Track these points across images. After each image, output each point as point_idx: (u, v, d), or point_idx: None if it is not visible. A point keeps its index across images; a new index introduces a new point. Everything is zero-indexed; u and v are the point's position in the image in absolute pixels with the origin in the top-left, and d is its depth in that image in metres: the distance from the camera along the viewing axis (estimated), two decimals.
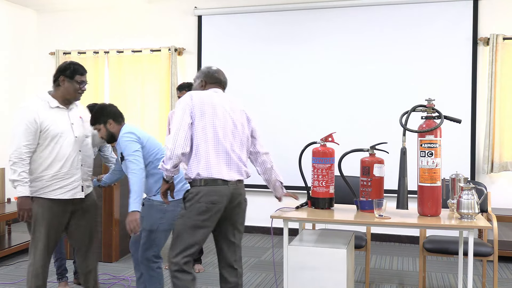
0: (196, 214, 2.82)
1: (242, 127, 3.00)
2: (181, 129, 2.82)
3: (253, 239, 5.99)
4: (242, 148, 2.98)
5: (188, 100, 2.90)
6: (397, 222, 3.07)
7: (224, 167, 2.86)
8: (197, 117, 2.86)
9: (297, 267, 3.11)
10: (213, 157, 2.84)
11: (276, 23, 6.12)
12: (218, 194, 2.83)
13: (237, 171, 2.92)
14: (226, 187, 2.85)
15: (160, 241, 3.33)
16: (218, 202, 2.83)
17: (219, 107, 2.92)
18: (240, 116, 3.01)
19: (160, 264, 3.38)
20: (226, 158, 2.88)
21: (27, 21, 6.96)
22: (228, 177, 2.86)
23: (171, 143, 2.81)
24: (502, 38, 5.41)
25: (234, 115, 2.97)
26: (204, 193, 2.82)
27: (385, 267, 4.86)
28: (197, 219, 2.82)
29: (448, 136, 5.44)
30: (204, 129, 2.85)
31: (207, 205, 2.81)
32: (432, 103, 3.25)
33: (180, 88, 4.67)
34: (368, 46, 5.84)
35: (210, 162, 2.83)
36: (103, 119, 3.29)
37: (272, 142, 6.12)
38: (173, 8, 6.54)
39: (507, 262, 5.02)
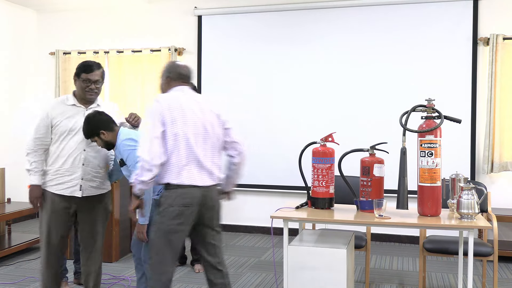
0: (169, 218, 2.76)
1: (213, 127, 2.91)
2: (155, 138, 2.73)
3: (253, 239, 5.99)
4: (214, 151, 2.92)
5: (157, 106, 2.80)
6: (397, 222, 3.07)
7: (196, 174, 2.81)
8: (168, 125, 2.77)
9: (297, 267, 3.10)
10: (184, 166, 2.78)
11: (276, 23, 6.12)
12: (190, 197, 2.78)
13: (209, 177, 2.87)
14: (198, 190, 2.81)
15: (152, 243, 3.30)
16: (191, 205, 2.78)
17: (188, 111, 2.84)
18: (209, 116, 2.92)
19: None
20: (197, 165, 2.81)
21: (27, 21, 6.96)
22: (200, 183, 2.82)
23: (147, 153, 2.70)
24: (502, 38, 5.41)
25: (203, 117, 2.88)
26: (176, 196, 2.77)
27: (385, 267, 4.86)
28: (171, 223, 2.77)
29: (448, 136, 5.44)
30: (175, 137, 2.77)
31: (180, 208, 2.76)
32: (432, 103, 3.25)
33: None
34: (368, 46, 5.84)
35: (182, 171, 2.77)
36: (95, 132, 3.19)
37: (272, 142, 6.13)
38: (173, 8, 6.54)
39: (507, 262, 5.02)
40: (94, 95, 3.30)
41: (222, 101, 6.27)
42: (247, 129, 6.20)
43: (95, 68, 3.27)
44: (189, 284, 4.31)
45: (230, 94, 6.26)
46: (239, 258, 5.13)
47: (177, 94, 2.92)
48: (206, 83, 6.35)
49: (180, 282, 4.36)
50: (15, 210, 5.15)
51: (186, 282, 4.37)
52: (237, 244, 5.74)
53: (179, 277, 4.48)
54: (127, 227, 5.17)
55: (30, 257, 5.06)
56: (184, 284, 4.30)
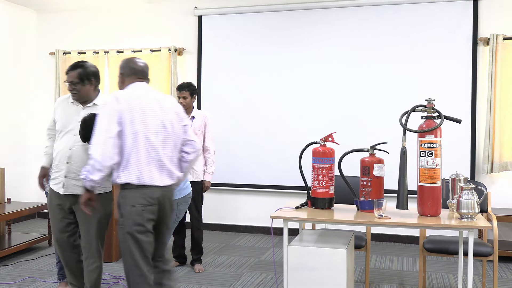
0: (133, 219, 2.76)
1: (172, 126, 2.89)
2: (109, 138, 2.71)
3: (253, 239, 5.99)
4: (174, 150, 2.91)
5: (114, 105, 2.76)
6: (397, 222, 3.07)
7: (156, 174, 2.80)
8: (127, 124, 2.75)
9: (297, 267, 3.11)
10: (144, 165, 2.76)
11: (276, 23, 6.12)
12: (151, 196, 2.78)
13: (168, 176, 2.86)
14: (158, 189, 2.80)
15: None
16: (152, 204, 2.79)
17: (148, 110, 2.82)
18: (170, 114, 2.90)
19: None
20: (157, 164, 2.80)
21: (27, 21, 6.96)
22: (160, 183, 2.81)
23: (99, 154, 2.67)
24: (502, 38, 5.41)
25: (164, 116, 2.86)
26: (137, 196, 2.76)
27: (385, 267, 4.86)
28: (135, 223, 2.76)
29: (448, 136, 5.44)
30: (135, 136, 2.75)
31: (142, 208, 2.76)
32: (432, 103, 3.25)
33: (179, 88, 4.63)
34: (368, 46, 5.84)
35: (142, 171, 2.76)
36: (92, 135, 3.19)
37: (272, 142, 6.13)
38: (173, 8, 6.54)
39: (507, 262, 5.02)
40: (75, 96, 3.35)
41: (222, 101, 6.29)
42: (247, 129, 6.20)
43: (70, 69, 3.34)
44: (189, 284, 4.32)
45: (230, 94, 6.26)
46: (239, 258, 5.13)
47: (136, 91, 2.88)
48: (206, 83, 6.35)
49: (180, 282, 4.36)
50: (15, 210, 5.15)
51: (186, 282, 4.37)
52: (237, 244, 5.74)
53: (179, 277, 4.48)
54: None
55: (30, 257, 5.06)
56: (184, 284, 4.30)
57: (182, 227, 4.69)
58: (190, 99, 4.62)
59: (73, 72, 3.32)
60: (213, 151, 4.70)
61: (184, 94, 4.59)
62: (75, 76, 3.32)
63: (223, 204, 6.38)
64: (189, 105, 4.63)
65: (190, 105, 4.64)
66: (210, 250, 5.43)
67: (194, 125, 4.60)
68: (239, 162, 6.21)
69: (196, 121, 4.62)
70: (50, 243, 5.51)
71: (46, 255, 5.13)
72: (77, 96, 3.35)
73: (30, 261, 4.95)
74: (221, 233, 6.28)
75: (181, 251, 4.81)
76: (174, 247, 4.79)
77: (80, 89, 3.33)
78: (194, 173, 4.61)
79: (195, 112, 4.66)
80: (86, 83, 3.34)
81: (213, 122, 4.84)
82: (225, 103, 6.28)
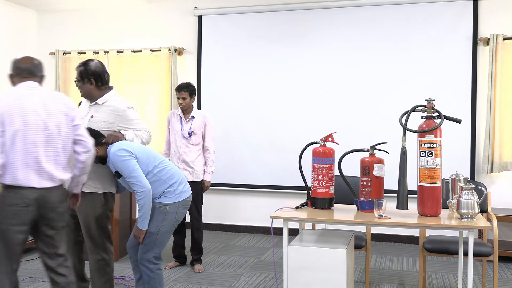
0: (7, 218, 2.75)
1: (58, 128, 2.85)
2: None
3: (253, 239, 5.99)
4: (59, 152, 2.86)
5: None
6: (397, 222, 3.07)
7: (33, 176, 2.78)
8: (7, 125, 2.72)
9: (297, 267, 3.11)
10: (21, 167, 2.75)
11: (276, 23, 6.12)
12: (27, 197, 2.76)
13: (49, 179, 2.83)
14: (35, 191, 2.78)
15: (161, 243, 3.33)
16: (28, 205, 2.77)
17: (31, 113, 2.77)
18: (55, 117, 2.85)
19: (160, 266, 3.37)
20: (36, 168, 2.78)
21: (27, 21, 6.96)
22: (37, 185, 2.79)
23: None
24: (502, 38, 5.41)
25: (48, 118, 2.81)
26: (13, 196, 2.75)
27: (385, 267, 4.86)
28: (8, 223, 2.76)
29: (448, 136, 5.44)
30: (13, 138, 2.73)
31: (17, 208, 2.75)
32: (432, 103, 3.25)
33: (178, 88, 4.63)
34: (368, 46, 5.84)
35: (17, 172, 2.74)
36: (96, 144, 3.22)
37: (272, 142, 6.13)
38: (173, 8, 6.54)
39: (507, 262, 5.02)
40: (81, 92, 3.44)
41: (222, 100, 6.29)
42: (247, 129, 6.20)
43: (76, 67, 3.44)
44: (189, 284, 4.32)
45: (230, 94, 6.26)
46: (239, 258, 5.13)
47: (20, 92, 2.84)
48: (206, 83, 6.35)
49: (180, 282, 4.36)
50: None
51: (186, 282, 4.37)
52: (237, 244, 5.74)
53: (179, 277, 4.48)
54: (127, 227, 5.17)
55: (30, 257, 5.06)
56: (184, 284, 4.30)
57: (182, 227, 4.69)
58: (190, 100, 4.63)
59: (77, 70, 3.42)
60: (213, 151, 4.71)
61: (184, 94, 4.60)
62: (77, 74, 3.41)
63: (223, 204, 6.38)
64: (189, 106, 4.64)
65: (190, 106, 4.65)
66: (210, 250, 5.43)
67: (194, 125, 4.61)
68: (239, 162, 6.21)
69: (196, 121, 4.63)
70: None
71: None
72: (82, 93, 3.45)
73: (30, 261, 4.95)
74: (221, 233, 6.28)
75: (181, 251, 4.81)
76: (174, 247, 4.80)
77: (81, 86, 3.40)
78: (194, 173, 4.61)
79: (195, 112, 4.67)
80: (86, 82, 3.37)
81: (213, 122, 4.85)
82: (225, 103, 6.28)
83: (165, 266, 4.73)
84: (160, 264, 3.38)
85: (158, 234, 3.29)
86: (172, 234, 3.44)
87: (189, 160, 4.60)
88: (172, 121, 4.72)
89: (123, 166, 3.17)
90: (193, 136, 4.61)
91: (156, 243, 3.31)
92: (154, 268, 3.33)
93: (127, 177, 3.17)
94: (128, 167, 3.16)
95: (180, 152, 4.61)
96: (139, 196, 3.17)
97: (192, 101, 4.67)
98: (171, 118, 4.74)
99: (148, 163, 3.26)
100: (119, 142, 3.26)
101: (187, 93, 4.60)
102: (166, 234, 3.34)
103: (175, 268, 4.75)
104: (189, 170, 4.60)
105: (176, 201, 3.28)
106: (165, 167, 3.32)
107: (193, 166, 4.62)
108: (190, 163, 4.61)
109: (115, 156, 3.18)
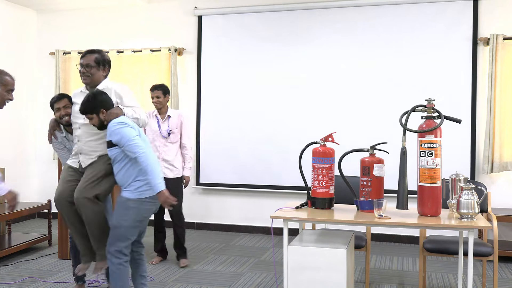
0: None
1: None
2: None
3: (253, 239, 5.99)
4: None
5: None
6: (397, 222, 3.07)
7: None
8: None
9: (297, 267, 3.11)
10: None
11: (276, 23, 6.12)
12: None
13: None
14: None
15: (124, 237, 3.29)
16: None
17: None
18: None
19: (122, 261, 3.31)
20: None
21: (27, 21, 6.96)
22: None
23: None
24: (502, 38, 5.41)
25: None
26: None
27: (385, 267, 4.86)
28: None
29: (448, 136, 5.44)
30: None
31: None
32: (432, 103, 3.25)
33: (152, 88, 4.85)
34: (368, 46, 5.84)
35: None
36: (96, 110, 3.27)
37: (272, 142, 6.13)
38: (173, 8, 6.54)
39: (507, 262, 5.02)
40: (87, 79, 3.46)
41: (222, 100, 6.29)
42: (247, 129, 6.20)
43: (87, 52, 3.49)
44: (189, 284, 4.32)
45: (230, 94, 6.26)
46: (239, 258, 5.13)
47: None
48: (206, 83, 6.35)
49: (180, 282, 4.36)
50: (15, 210, 5.15)
51: (186, 282, 4.37)
52: (237, 244, 5.74)
53: (179, 277, 4.48)
54: None
55: (30, 257, 5.06)
56: (184, 284, 4.30)
57: (161, 222, 4.88)
58: (163, 98, 4.83)
59: (91, 55, 3.46)
60: (190, 147, 4.91)
61: (157, 93, 4.81)
62: (92, 60, 3.45)
63: (223, 204, 6.38)
64: (163, 105, 4.85)
65: (164, 105, 4.86)
66: (210, 250, 5.42)
67: (171, 124, 4.81)
68: (239, 162, 6.21)
69: (173, 120, 4.83)
70: (50, 243, 5.51)
71: (46, 255, 5.12)
72: (89, 79, 3.46)
73: (30, 261, 4.95)
74: (221, 233, 6.28)
75: (163, 246, 4.97)
76: (155, 243, 4.95)
77: (94, 73, 3.45)
78: (173, 170, 4.80)
79: (170, 112, 4.87)
80: (101, 69, 3.47)
81: (189, 120, 5.10)
82: (225, 103, 6.28)
83: (151, 261, 4.85)
84: (123, 260, 3.32)
85: (120, 228, 3.26)
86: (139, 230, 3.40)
87: (169, 159, 4.79)
88: (149, 122, 4.86)
89: (123, 132, 3.18)
90: (172, 135, 4.79)
91: (119, 238, 3.28)
92: (115, 262, 3.30)
93: (125, 143, 3.16)
94: (127, 133, 3.18)
95: (160, 151, 4.77)
96: (142, 158, 3.14)
97: (166, 100, 4.87)
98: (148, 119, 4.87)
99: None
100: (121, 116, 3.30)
101: (160, 92, 4.81)
102: (129, 230, 3.28)
103: (175, 268, 4.75)
104: (169, 168, 4.79)
105: (138, 198, 3.24)
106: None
107: (173, 164, 4.80)
108: (171, 161, 4.79)
109: (115, 123, 3.21)
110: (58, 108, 3.73)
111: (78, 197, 3.33)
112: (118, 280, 3.32)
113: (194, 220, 6.46)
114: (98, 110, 3.27)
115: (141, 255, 3.54)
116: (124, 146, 3.18)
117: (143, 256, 3.56)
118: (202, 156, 6.34)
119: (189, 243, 5.69)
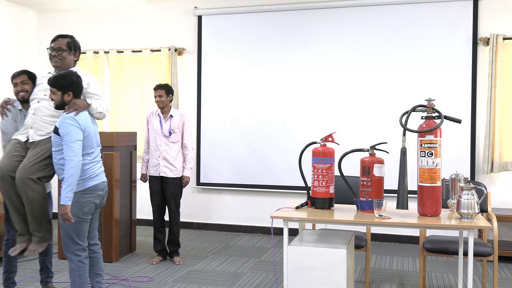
0: None
1: None
2: None
3: (253, 239, 5.99)
4: None
5: None
6: (397, 222, 3.07)
7: None
8: None
9: (297, 267, 3.11)
10: None
11: (276, 23, 6.12)
12: None
13: None
14: None
15: (76, 232, 3.27)
16: None
17: None
18: None
19: (82, 258, 3.31)
20: None
21: (27, 21, 6.96)
22: None
23: None
24: (502, 38, 5.41)
25: None
26: None
27: (385, 267, 4.86)
28: None
29: (448, 136, 5.44)
30: None
31: None
32: (432, 103, 3.25)
33: (155, 88, 4.88)
34: (368, 46, 5.84)
35: None
36: (66, 89, 3.24)
37: (272, 142, 6.13)
38: (173, 8, 6.54)
39: (507, 262, 5.02)
40: (58, 63, 3.49)
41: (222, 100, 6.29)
42: (247, 128, 6.20)
43: (58, 36, 3.53)
44: (189, 284, 4.32)
45: (230, 94, 6.26)
46: (239, 258, 5.13)
47: None
48: (206, 83, 6.36)
49: (180, 282, 4.36)
50: None
51: (186, 282, 4.37)
52: (237, 244, 5.74)
53: (179, 277, 4.48)
54: (127, 227, 5.17)
55: (30, 257, 5.06)
56: (184, 284, 4.30)
57: (161, 222, 4.92)
58: (166, 97, 4.86)
59: (63, 39, 3.52)
60: (191, 148, 4.94)
61: (160, 92, 4.83)
62: (64, 43, 3.50)
63: (223, 204, 6.38)
64: (166, 104, 4.87)
65: (167, 104, 4.89)
66: (210, 250, 5.42)
67: (173, 123, 4.84)
68: (239, 162, 6.21)
69: (174, 120, 4.86)
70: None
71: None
72: (60, 63, 3.50)
73: (30, 261, 4.95)
74: (221, 233, 6.28)
75: (163, 246, 4.98)
76: (155, 242, 4.96)
77: (66, 56, 3.50)
78: (173, 170, 4.83)
79: (173, 111, 4.90)
80: (72, 53, 3.53)
81: (190, 120, 5.12)
82: (225, 103, 6.28)
83: (151, 261, 4.87)
84: (83, 257, 3.31)
85: (68, 225, 3.24)
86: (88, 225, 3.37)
87: (170, 158, 4.82)
88: (151, 120, 4.92)
89: (70, 129, 3.15)
90: (173, 134, 4.82)
91: (69, 235, 3.27)
92: (75, 259, 3.30)
93: (66, 140, 3.13)
94: (72, 133, 3.15)
95: (161, 150, 4.82)
96: (69, 164, 3.10)
97: (169, 100, 4.89)
98: (150, 118, 4.95)
99: (85, 148, 3.25)
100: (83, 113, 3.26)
101: (163, 91, 4.84)
102: (76, 225, 3.25)
103: (175, 268, 4.75)
104: (169, 167, 4.82)
105: (76, 190, 3.22)
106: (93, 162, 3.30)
107: (173, 163, 4.82)
108: (171, 160, 4.81)
109: (69, 117, 3.18)
110: (16, 83, 3.73)
111: (21, 176, 3.28)
112: (78, 277, 3.31)
113: (194, 220, 6.46)
114: (67, 91, 3.24)
115: (96, 253, 3.50)
116: (63, 142, 3.17)
117: (99, 254, 3.51)
118: (202, 156, 6.34)
119: (189, 243, 5.69)
